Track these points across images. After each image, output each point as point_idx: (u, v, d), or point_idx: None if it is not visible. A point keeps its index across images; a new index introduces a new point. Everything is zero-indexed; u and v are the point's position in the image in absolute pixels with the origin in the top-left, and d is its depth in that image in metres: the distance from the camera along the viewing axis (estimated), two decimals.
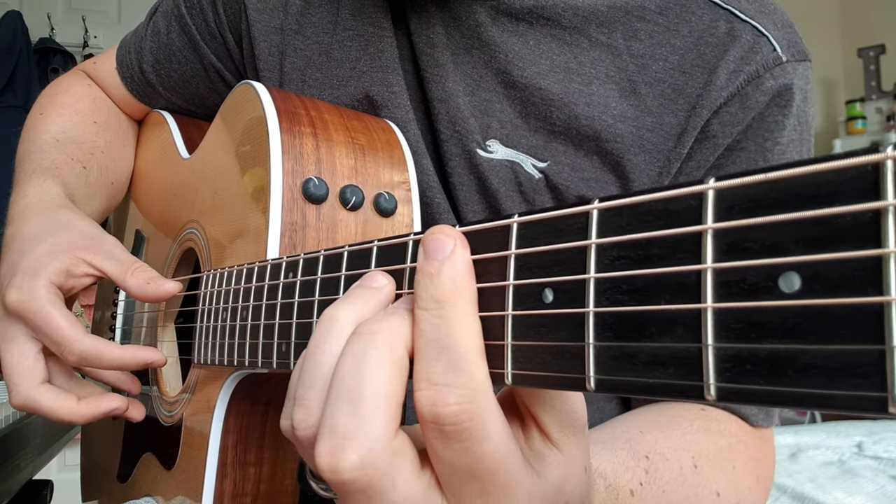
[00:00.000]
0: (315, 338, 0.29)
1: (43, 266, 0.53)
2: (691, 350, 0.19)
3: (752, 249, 0.18)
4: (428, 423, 0.25)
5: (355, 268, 0.35)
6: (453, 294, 0.25)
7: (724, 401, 0.18)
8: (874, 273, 0.16)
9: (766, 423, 0.54)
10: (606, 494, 0.38)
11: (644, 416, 0.52)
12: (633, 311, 0.21)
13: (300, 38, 0.63)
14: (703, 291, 0.19)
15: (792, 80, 0.52)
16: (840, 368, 0.16)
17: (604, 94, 0.54)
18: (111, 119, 0.79)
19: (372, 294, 0.30)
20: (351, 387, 0.25)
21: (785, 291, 0.17)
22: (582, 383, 0.22)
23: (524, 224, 0.25)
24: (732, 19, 0.53)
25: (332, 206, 0.51)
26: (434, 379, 0.25)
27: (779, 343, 0.17)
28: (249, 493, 0.53)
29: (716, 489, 0.46)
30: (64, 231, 0.57)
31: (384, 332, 0.26)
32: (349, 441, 0.25)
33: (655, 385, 0.20)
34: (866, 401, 0.16)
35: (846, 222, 0.16)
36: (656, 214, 0.21)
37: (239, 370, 0.49)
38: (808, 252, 0.17)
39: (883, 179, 0.16)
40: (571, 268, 0.23)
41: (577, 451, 0.28)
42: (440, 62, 0.57)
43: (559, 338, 0.23)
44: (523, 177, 0.55)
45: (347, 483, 0.25)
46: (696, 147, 0.54)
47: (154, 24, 0.75)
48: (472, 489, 0.26)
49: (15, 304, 0.52)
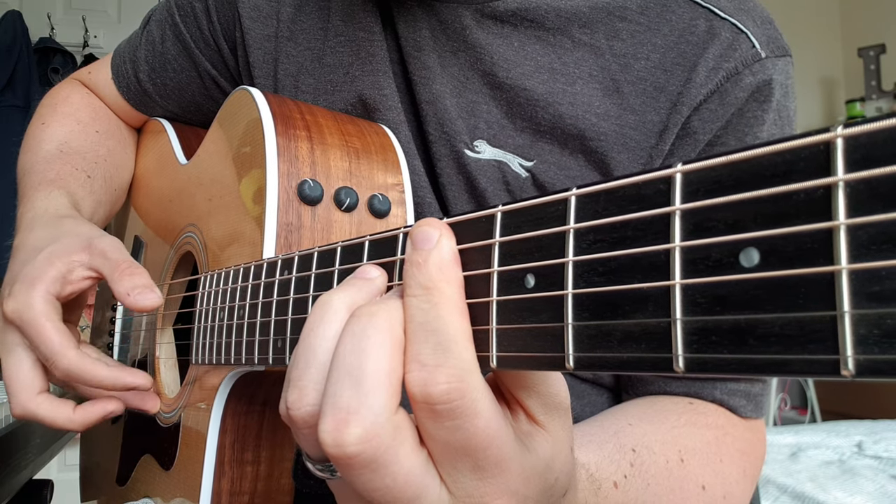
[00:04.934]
0: (309, 322, 0.30)
1: (40, 274, 0.54)
2: (661, 325, 0.20)
3: (716, 228, 0.19)
4: (419, 404, 0.26)
5: (348, 263, 0.36)
6: (440, 280, 0.27)
7: (691, 371, 0.19)
8: (825, 245, 0.17)
9: (755, 413, 0.55)
10: (588, 484, 0.38)
11: (633, 409, 0.53)
12: (608, 291, 0.22)
13: (292, 45, 0.64)
14: (671, 269, 0.20)
15: (771, 75, 0.54)
16: (796, 336, 0.17)
17: (587, 94, 0.55)
18: (112, 128, 0.80)
19: (364, 283, 0.31)
20: (352, 364, 0.26)
21: (745, 266, 0.18)
22: (562, 362, 0.23)
23: (507, 213, 0.26)
24: (712, 17, 0.54)
25: (326, 208, 0.52)
26: (424, 360, 0.26)
27: (740, 314, 0.18)
28: (247, 492, 0.54)
29: (702, 482, 0.47)
30: (64, 238, 0.57)
31: (383, 314, 0.27)
32: (353, 415, 0.26)
33: (629, 360, 0.21)
34: (820, 364, 0.17)
35: (800, 198, 0.17)
36: (630, 199, 0.22)
37: (236, 369, 0.50)
38: (765, 228, 0.18)
39: (833, 157, 0.17)
40: (551, 253, 0.24)
41: (563, 431, 0.30)
42: (427, 65, 0.58)
43: (540, 320, 0.24)
44: (510, 176, 0.56)
45: (352, 456, 0.26)
46: (678, 143, 0.55)
47: (148, 32, 0.76)
48: (465, 465, 0.27)
49: (11, 314, 0.53)
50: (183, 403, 0.59)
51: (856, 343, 0.16)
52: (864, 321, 0.16)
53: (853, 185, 0.16)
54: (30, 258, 0.56)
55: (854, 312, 0.16)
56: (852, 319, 0.16)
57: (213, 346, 0.51)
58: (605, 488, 0.40)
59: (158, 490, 0.62)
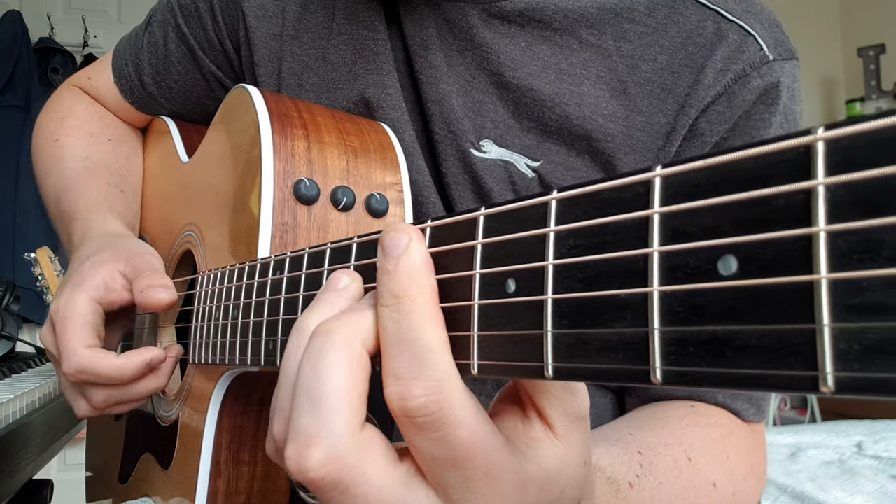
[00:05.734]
0: (286, 350, 0.29)
1: (85, 279, 0.56)
2: (639, 335, 0.19)
3: (693, 234, 0.18)
4: (400, 418, 0.25)
5: (338, 263, 0.35)
6: (410, 287, 0.26)
7: (669, 384, 0.18)
8: (804, 252, 0.16)
9: (757, 417, 0.54)
10: (608, 488, 0.38)
11: (634, 419, 0.52)
12: (587, 298, 0.21)
13: (297, 44, 0.64)
14: (650, 276, 0.19)
15: (779, 78, 0.53)
16: (774, 348, 0.16)
17: (594, 95, 0.54)
18: (121, 133, 0.81)
19: (336, 296, 0.30)
20: (310, 387, 0.26)
21: (723, 274, 0.17)
22: (541, 371, 0.23)
23: (490, 216, 0.26)
24: (720, 20, 0.54)
25: (323, 207, 0.51)
26: (399, 374, 0.25)
27: (718, 325, 0.17)
28: (243, 492, 0.54)
29: (712, 479, 0.46)
30: (110, 249, 0.59)
31: (340, 330, 0.26)
32: (312, 440, 0.25)
33: (607, 371, 0.20)
34: (799, 380, 0.16)
35: (779, 203, 0.16)
36: (609, 202, 0.21)
37: (231, 369, 0.50)
38: (744, 234, 0.17)
39: (814, 160, 0.16)
40: (532, 257, 0.23)
41: (578, 443, 0.28)
42: (434, 64, 0.57)
43: (520, 327, 0.24)
44: (517, 176, 0.56)
45: (316, 481, 0.25)
46: (685, 145, 0.54)
47: (151, 34, 0.76)
48: (455, 476, 0.26)
49: (53, 313, 0.55)
50: (181, 403, 0.59)
51: (835, 358, 0.15)
52: (844, 335, 0.15)
53: (833, 189, 0.15)
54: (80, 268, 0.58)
55: (834, 326, 0.15)
56: (832, 333, 0.15)
57: (208, 346, 0.51)
58: (623, 489, 0.39)
59: (158, 489, 0.62)
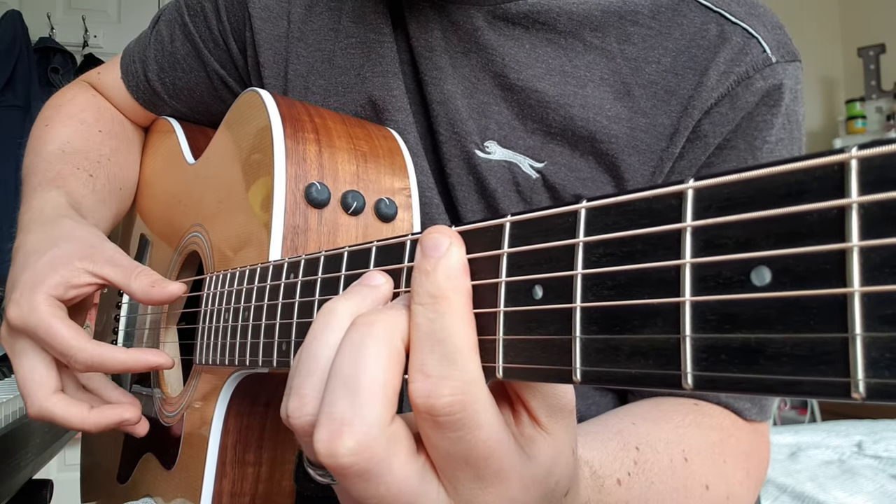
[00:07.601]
0: (313, 330, 0.30)
1: (42, 280, 0.54)
2: (670, 341, 0.20)
3: (727, 245, 0.19)
4: (422, 414, 0.26)
5: (355, 268, 0.36)
6: (448, 290, 0.27)
7: (700, 389, 0.19)
8: (838, 266, 0.17)
9: (760, 417, 0.55)
10: (591, 482, 0.38)
11: (638, 409, 0.53)
12: (617, 306, 0.22)
13: (302, 46, 0.64)
14: (681, 286, 0.20)
15: (782, 80, 0.54)
16: (806, 356, 0.17)
17: (598, 97, 0.55)
18: (116, 127, 0.80)
19: (369, 291, 0.31)
20: (348, 375, 0.26)
21: (756, 285, 0.18)
22: (569, 375, 0.23)
23: (517, 223, 0.26)
24: (723, 22, 0.55)
25: (333, 211, 0.52)
26: (428, 371, 0.26)
27: (751, 333, 0.18)
28: (248, 493, 0.54)
29: (705, 482, 0.47)
30: (63, 243, 0.57)
31: (381, 323, 0.27)
32: (346, 427, 0.26)
33: (637, 375, 0.21)
34: (831, 386, 0.17)
35: (813, 219, 0.17)
36: (640, 213, 0.22)
37: (240, 370, 0.50)
38: (778, 247, 0.18)
39: (847, 178, 0.17)
40: (560, 265, 0.24)
41: (565, 434, 0.30)
42: (438, 65, 0.58)
43: (548, 332, 0.24)
44: (521, 177, 0.57)
45: (345, 467, 0.26)
46: (688, 147, 0.55)
47: (157, 32, 0.76)
48: (466, 474, 0.27)
49: (16, 321, 0.53)
50: (185, 403, 0.59)
51: (867, 366, 0.16)
52: (876, 344, 0.16)
53: (867, 206, 0.16)
54: (28, 262, 0.56)
55: (866, 335, 0.16)
56: (864, 342, 0.16)
57: (216, 347, 0.51)
58: (609, 485, 0.40)
59: (159, 489, 0.62)
